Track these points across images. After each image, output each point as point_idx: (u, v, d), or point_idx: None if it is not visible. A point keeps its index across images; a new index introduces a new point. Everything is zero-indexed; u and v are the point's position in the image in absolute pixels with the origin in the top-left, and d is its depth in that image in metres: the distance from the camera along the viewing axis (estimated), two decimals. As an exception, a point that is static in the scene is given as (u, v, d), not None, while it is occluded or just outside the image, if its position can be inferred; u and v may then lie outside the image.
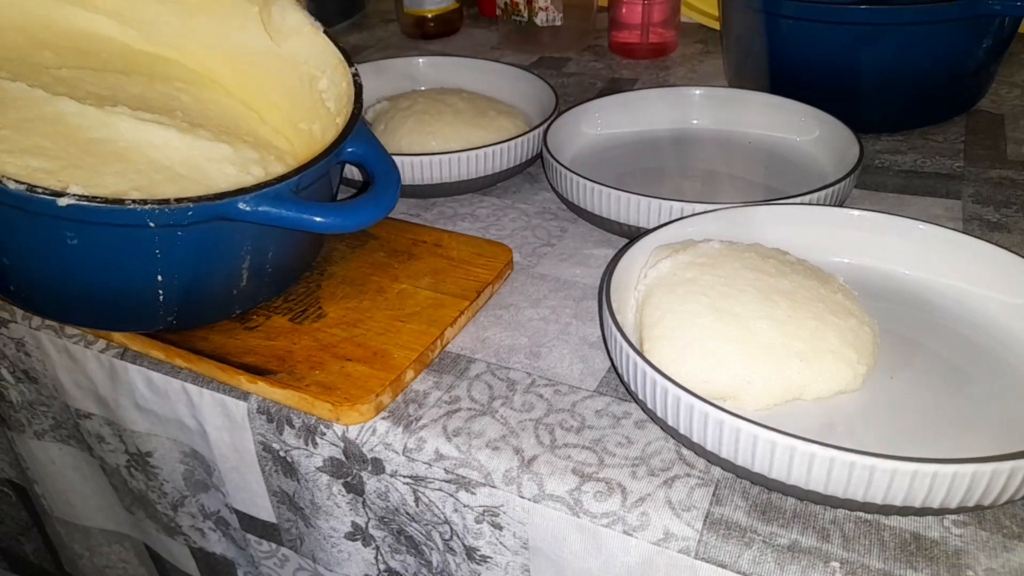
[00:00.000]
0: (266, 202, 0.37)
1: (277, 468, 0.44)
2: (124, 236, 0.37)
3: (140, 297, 0.40)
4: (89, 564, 0.66)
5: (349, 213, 0.39)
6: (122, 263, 0.38)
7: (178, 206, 0.35)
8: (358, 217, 0.40)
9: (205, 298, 0.42)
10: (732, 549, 0.32)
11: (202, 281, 0.41)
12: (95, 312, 0.43)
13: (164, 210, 0.35)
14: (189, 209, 0.36)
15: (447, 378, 0.42)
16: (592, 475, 0.36)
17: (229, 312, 0.44)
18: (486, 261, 0.49)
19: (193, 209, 0.36)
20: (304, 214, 0.38)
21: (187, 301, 0.41)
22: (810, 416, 0.37)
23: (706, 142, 0.64)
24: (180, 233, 0.37)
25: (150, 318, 0.42)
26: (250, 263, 0.41)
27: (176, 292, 0.40)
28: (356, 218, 0.40)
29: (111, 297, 0.40)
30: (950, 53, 0.62)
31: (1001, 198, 0.56)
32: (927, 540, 0.32)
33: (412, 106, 0.63)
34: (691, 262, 0.42)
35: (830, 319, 0.38)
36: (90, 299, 0.41)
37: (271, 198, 0.38)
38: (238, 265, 0.41)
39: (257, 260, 0.42)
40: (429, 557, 0.42)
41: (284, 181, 0.38)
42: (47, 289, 0.41)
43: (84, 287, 0.40)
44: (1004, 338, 0.41)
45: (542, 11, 0.87)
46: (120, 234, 0.37)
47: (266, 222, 0.38)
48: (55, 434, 0.56)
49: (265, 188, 0.38)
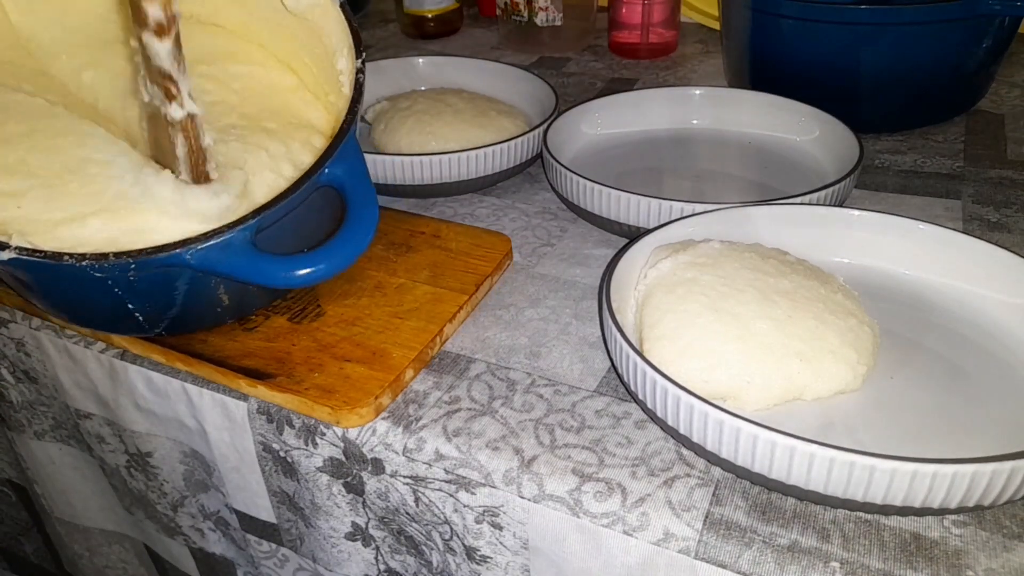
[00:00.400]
0: (215, 254, 0.34)
1: (277, 468, 0.44)
2: (79, 279, 0.36)
3: (120, 318, 0.40)
4: (89, 564, 0.66)
5: (314, 260, 0.35)
6: (87, 297, 0.37)
7: (116, 261, 0.34)
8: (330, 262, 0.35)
9: (186, 316, 0.41)
10: (732, 549, 0.32)
11: (178, 306, 0.39)
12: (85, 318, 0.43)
13: (103, 265, 0.34)
14: (131, 264, 0.34)
15: (447, 378, 0.42)
16: (592, 475, 0.36)
17: (221, 322, 0.44)
18: (485, 252, 0.49)
19: (136, 263, 0.34)
20: (254, 269, 0.34)
21: (168, 321, 0.41)
22: (810, 416, 0.37)
23: (706, 142, 0.64)
24: (132, 277, 0.35)
25: (138, 330, 0.42)
26: (226, 287, 0.39)
27: (152, 315, 0.40)
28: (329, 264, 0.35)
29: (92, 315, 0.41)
30: (950, 53, 0.62)
31: (1001, 198, 0.56)
32: (927, 540, 0.32)
33: (412, 106, 0.63)
34: (691, 262, 0.42)
35: (830, 319, 0.38)
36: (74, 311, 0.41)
37: (221, 249, 0.34)
38: (212, 293, 0.39)
39: (234, 284, 0.39)
40: (429, 557, 0.42)
41: (238, 227, 0.34)
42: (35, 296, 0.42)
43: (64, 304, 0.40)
44: (1004, 338, 0.41)
45: (542, 11, 0.87)
46: (75, 277, 0.36)
47: (214, 273, 0.35)
48: (55, 434, 0.56)
49: (213, 238, 0.34)
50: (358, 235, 0.37)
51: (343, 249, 0.36)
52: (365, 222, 0.37)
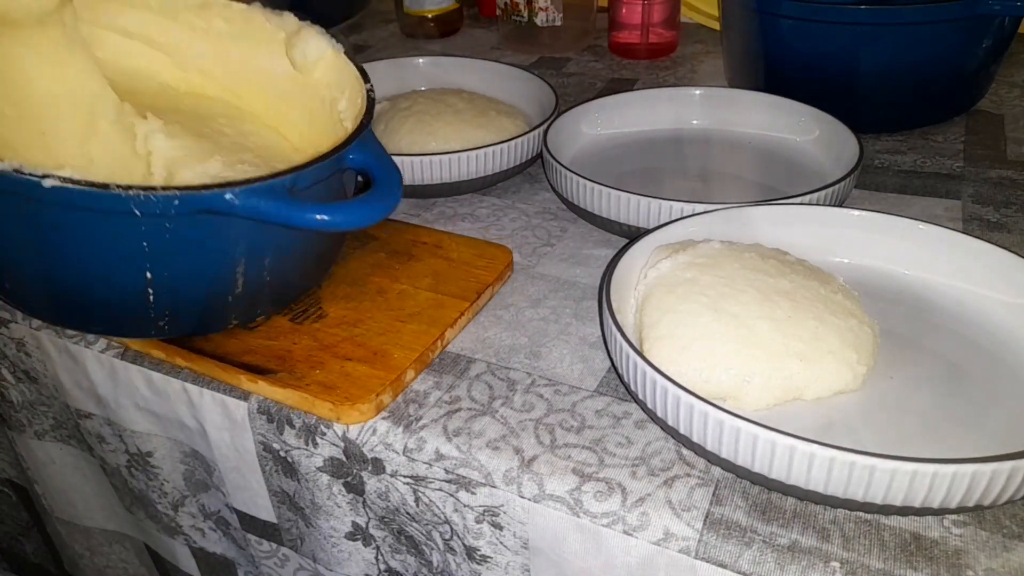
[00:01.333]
0: (256, 196, 0.36)
1: (277, 468, 0.44)
2: (111, 226, 0.36)
3: (129, 297, 0.39)
4: (90, 564, 0.66)
5: (347, 210, 0.38)
6: (109, 256, 0.37)
7: (164, 194, 0.34)
8: (357, 215, 0.38)
9: (197, 303, 0.41)
10: (732, 549, 0.32)
11: (193, 283, 0.40)
12: (86, 314, 0.42)
13: (150, 197, 0.34)
14: (175, 198, 0.35)
15: (447, 378, 0.42)
16: (592, 475, 0.36)
17: (225, 321, 0.44)
18: (486, 262, 0.49)
19: (179, 198, 0.35)
20: (295, 210, 0.36)
21: (178, 304, 0.40)
22: (810, 416, 0.37)
23: (706, 142, 0.64)
24: (168, 225, 0.36)
25: (142, 321, 0.41)
26: (245, 269, 0.40)
27: (166, 293, 0.39)
28: (354, 216, 0.38)
29: (100, 296, 0.40)
30: (950, 53, 0.62)
31: (1001, 198, 0.56)
32: (927, 540, 0.32)
33: (412, 106, 0.63)
34: (691, 262, 0.42)
35: (830, 319, 0.38)
36: (80, 298, 0.40)
37: (261, 192, 0.36)
38: (232, 269, 0.40)
39: (253, 266, 0.40)
40: (429, 557, 0.42)
41: (278, 177, 0.37)
42: (39, 286, 0.41)
43: (74, 283, 0.39)
44: (1004, 338, 0.41)
45: (542, 11, 0.87)
46: (107, 223, 0.36)
47: (255, 216, 0.36)
48: (55, 434, 0.56)
49: (256, 182, 0.36)
50: (390, 191, 0.40)
51: (381, 198, 0.39)
52: (390, 189, 0.40)
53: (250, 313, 0.44)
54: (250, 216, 0.36)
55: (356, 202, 0.39)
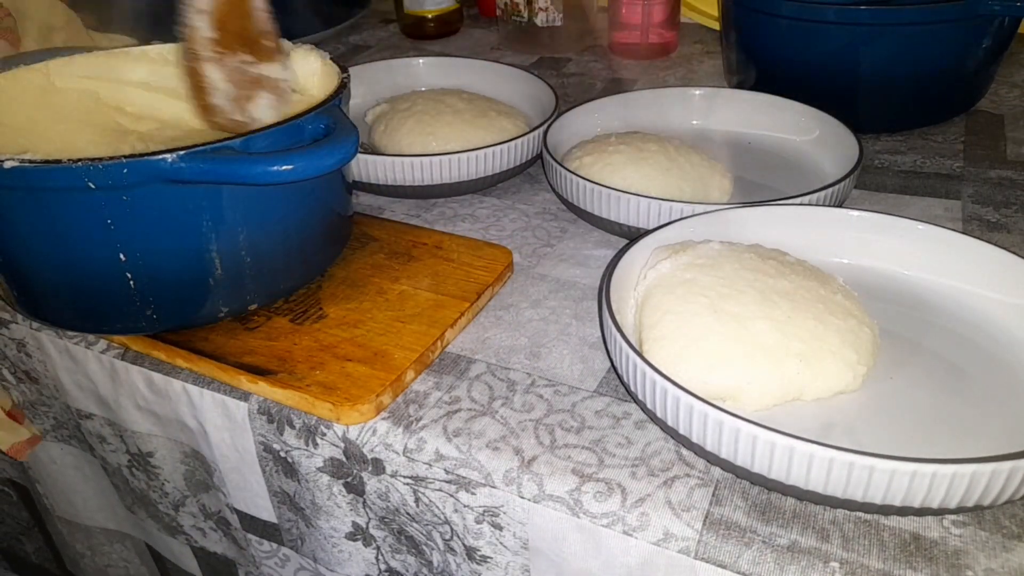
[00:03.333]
0: (203, 158, 0.36)
1: (278, 468, 0.44)
2: (74, 205, 0.37)
3: (110, 286, 0.40)
4: (91, 563, 0.66)
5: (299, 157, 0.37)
6: (81, 240, 0.39)
7: (111, 162, 0.36)
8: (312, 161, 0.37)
9: (179, 287, 0.41)
10: (732, 549, 0.32)
11: (169, 263, 0.40)
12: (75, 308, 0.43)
13: (98, 166, 0.36)
14: (123, 166, 0.36)
15: (447, 378, 0.42)
16: (592, 475, 0.36)
17: (214, 308, 0.43)
18: (486, 263, 0.49)
19: (127, 165, 0.36)
20: (243, 164, 0.36)
21: (160, 289, 0.41)
22: (809, 416, 0.37)
23: (706, 142, 0.64)
24: (126, 198, 0.37)
25: (129, 312, 0.42)
26: (219, 246, 0.40)
27: (144, 276, 0.40)
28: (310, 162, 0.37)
29: (84, 287, 0.41)
30: (950, 53, 0.62)
31: (1001, 198, 0.56)
32: (927, 540, 0.32)
33: (412, 107, 0.63)
34: (691, 263, 0.42)
35: (830, 320, 0.38)
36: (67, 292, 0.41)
37: (209, 154, 0.36)
38: (205, 245, 0.40)
39: (227, 242, 0.41)
40: (430, 557, 0.42)
41: (225, 141, 0.37)
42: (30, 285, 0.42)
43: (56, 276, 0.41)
44: (1003, 338, 0.41)
45: (542, 11, 0.87)
46: (70, 203, 0.37)
47: (205, 179, 0.37)
48: (56, 434, 0.56)
49: (203, 146, 0.37)
50: (340, 144, 0.39)
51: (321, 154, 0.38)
52: (346, 136, 0.39)
53: (239, 300, 0.44)
54: (200, 179, 0.37)
55: (310, 149, 0.38)
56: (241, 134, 0.38)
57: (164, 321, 0.43)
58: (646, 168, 0.53)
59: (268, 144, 0.39)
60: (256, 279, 0.44)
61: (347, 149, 0.38)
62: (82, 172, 0.36)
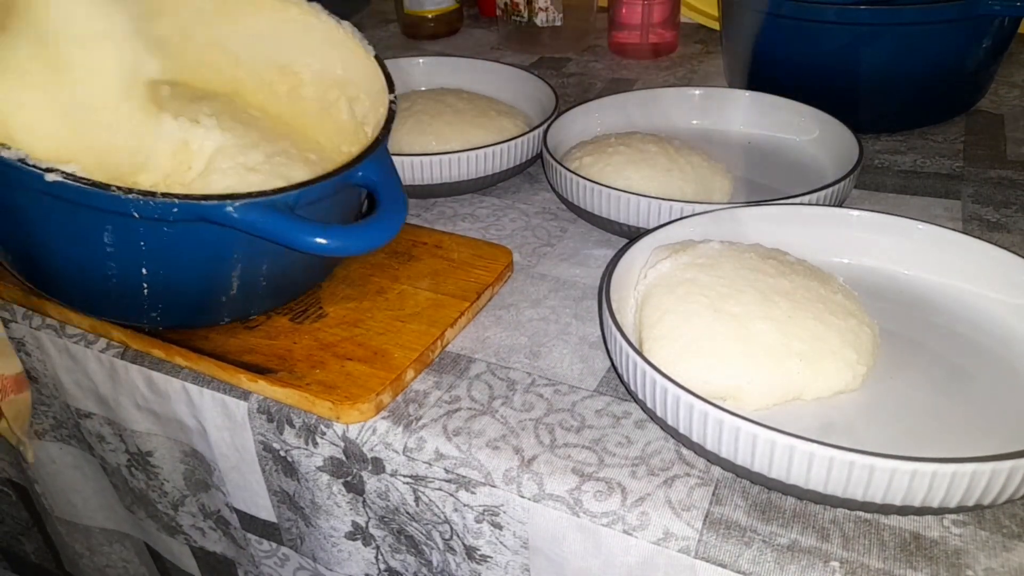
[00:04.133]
0: (256, 211, 0.36)
1: (277, 468, 0.44)
2: (110, 222, 0.36)
3: (124, 287, 0.40)
4: (90, 563, 0.66)
5: (347, 235, 0.37)
6: (107, 251, 0.38)
7: (163, 200, 0.35)
8: (357, 240, 0.37)
9: (191, 300, 0.41)
10: (732, 549, 0.32)
11: (189, 282, 0.40)
12: (82, 294, 0.43)
13: (149, 202, 0.35)
14: (174, 205, 0.35)
15: (447, 378, 0.42)
16: (592, 475, 0.36)
17: (218, 318, 0.44)
18: (486, 263, 0.49)
19: (178, 206, 0.35)
20: (294, 230, 0.36)
21: (173, 300, 0.41)
22: (810, 416, 0.37)
23: (706, 142, 0.64)
24: (166, 229, 0.36)
25: (134, 310, 0.42)
26: (241, 272, 0.40)
27: (161, 288, 0.40)
28: (355, 241, 0.37)
29: (96, 285, 0.40)
30: (950, 53, 0.62)
31: (1001, 198, 0.56)
32: (927, 540, 0.32)
33: (412, 106, 0.63)
34: (691, 262, 0.42)
35: (830, 319, 0.38)
36: (79, 281, 0.41)
37: (262, 208, 0.36)
38: (227, 272, 0.40)
39: (249, 271, 0.40)
40: (429, 557, 0.42)
41: (281, 193, 0.37)
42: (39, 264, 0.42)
43: (72, 271, 0.40)
44: (1004, 338, 0.41)
45: (542, 11, 0.87)
46: (106, 220, 0.36)
47: (253, 232, 0.36)
48: (55, 434, 0.56)
49: (258, 197, 0.36)
50: (387, 223, 0.39)
51: (372, 231, 0.38)
52: (394, 214, 0.39)
53: (244, 312, 0.44)
54: (247, 231, 0.36)
55: (357, 227, 0.38)
56: (294, 187, 0.37)
57: (166, 322, 0.43)
58: (646, 169, 0.53)
59: (318, 194, 0.39)
60: (266, 296, 0.44)
61: (393, 228, 0.39)
62: (130, 203, 0.35)
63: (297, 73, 0.50)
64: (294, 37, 0.49)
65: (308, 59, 0.49)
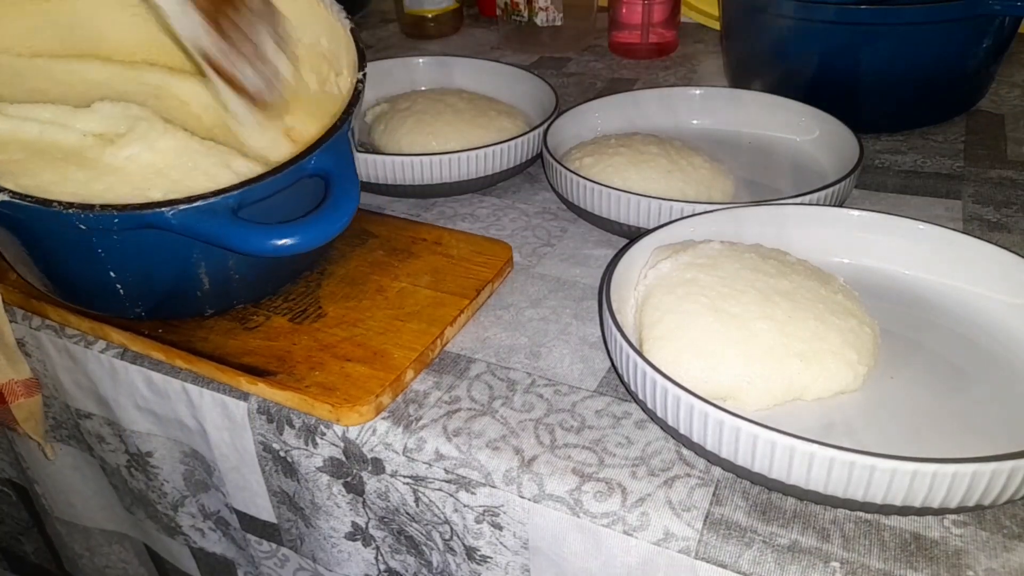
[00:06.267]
0: (194, 216, 0.35)
1: (277, 468, 0.44)
2: (65, 234, 0.37)
3: (100, 288, 0.40)
4: (89, 564, 0.66)
5: (294, 231, 0.36)
6: (70, 258, 0.39)
7: (102, 212, 0.35)
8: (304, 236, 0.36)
9: (167, 296, 0.42)
10: (732, 549, 0.32)
11: (158, 281, 0.40)
12: (71, 293, 0.44)
13: (88, 215, 0.35)
14: (114, 217, 0.35)
15: (447, 378, 0.42)
16: (592, 475, 0.36)
17: (201, 310, 0.44)
18: (486, 259, 0.49)
19: (119, 217, 0.35)
20: (233, 234, 0.35)
21: (149, 297, 0.41)
22: (810, 416, 0.37)
23: (706, 142, 0.64)
24: (116, 237, 0.37)
25: (118, 305, 0.42)
26: (208, 269, 0.40)
27: (133, 288, 0.40)
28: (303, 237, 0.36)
29: (79, 284, 0.41)
30: (950, 53, 0.62)
31: (1001, 198, 0.56)
32: (927, 540, 0.32)
33: (412, 106, 0.63)
34: (691, 263, 0.41)
35: (830, 319, 0.38)
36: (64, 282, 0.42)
37: (203, 212, 0.35)
38: (193, 270, 0.40)
39: (215, 267, 0.40)
40: (429, 557, 0.42)
41: (221, 195, 0.36)
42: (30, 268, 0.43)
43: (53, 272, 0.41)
44: (1004, 338, 0.41)
45: (542, 11, 0.87)
46: (62, 232, 0.37)
47: (195, 237, 0.36)
48: (55, 434, 0.56)
49: (198, 201, 0.35)
50: (336, 214, 0.37)
51: (319, 226, 0.37)
52: (344, 205, 0.38)
53: (228, 304, 0.45)
54: (189, 236, 0.36)
55: (304, 223, 0.37)
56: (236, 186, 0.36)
57: (151, 316, 0.44)
58: (647, 170, 0.53)
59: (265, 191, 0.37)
60: (244, 288, 0.44)
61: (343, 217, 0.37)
62: (73, 218, 0.35)
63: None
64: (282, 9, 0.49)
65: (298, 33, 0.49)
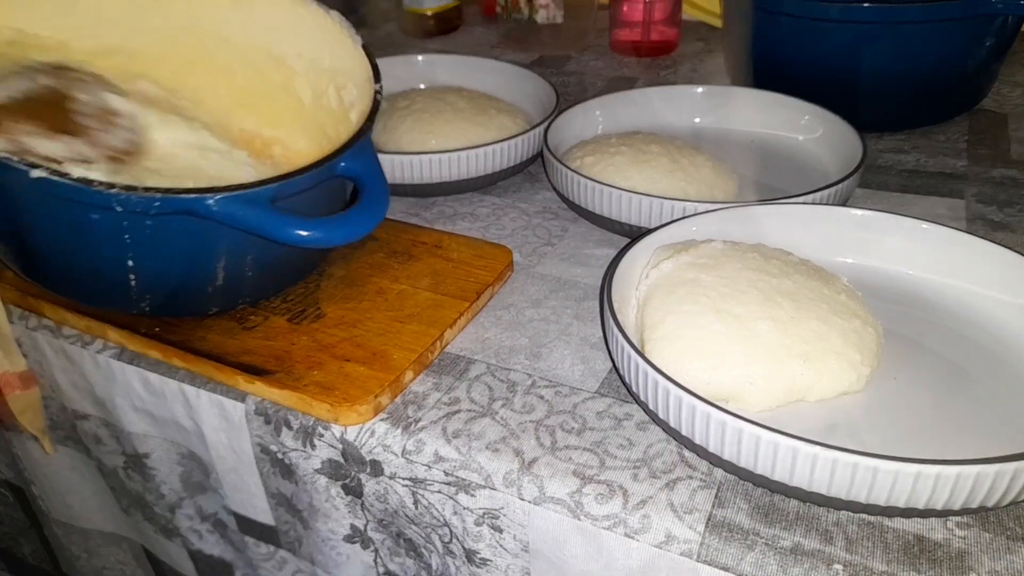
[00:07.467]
0: (237, 204, 0.36)
1: (275, 470, 0.44)
2: (95, 216, 0.37)
3: (112, 278, 0.40)
4: (87, 566, 0.66)
5: (328, 226, 0.37)
6: (93, 242, 0.38)
7: (145, 195, 0.35)
8: (338, 232, 0.38)
9: (178, 290, 0.42)
10: (734, 552, 0.32)
11: (175, 273, 0.40)
12: (73, 284, 0.44)
13: (131, 197, 0.35)
14: (156, 200, 0.35)
15: (447, 379, 0.42)
16: (593, 477, 0.35)
17: (206, 309, 0.44)
18: (486, 263, 0.49)
19: (160, 200, 0.35)
20: (273, 222, 0.36)
21: (160, 290, 0.41)
22: (813, 417, 0.37)
23: (708, 141, 0.64)
24: (149, 222, 0.37)
25: (123, 299, 0.42)
26: (226, 263, 0.40)
27: (147, 279, 0.40)
28: (336, 232, 0.38)
29: (85, 274, 0.41)
30: (953, 52, 0.61)
31: (1004, 198, 0.55)
32: (930, 542, 0.32)
33: (411, 105, 0.62)
34: (693, 262, 0.41)
35: (833, 320, 0.38)
36: (70, 271, 0.42)
37: (243, 201, 0.36)
38: (212, 263, 0.40)
39: (234, 261, 0.41)
40: (428, 560, 0.42)
41: (262, 186, 0.37)
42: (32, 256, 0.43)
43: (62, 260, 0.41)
44: (1008, 339, 0.41)
45: (543, 9, 0.87)
46: (91, 213, 0.37)
47: (235, 225, 0.36)
48: (52, 435, 0.56)
49: (239, 190, 0.36)
50: (369, 213, 0.39)
51: (354, 222, 0.39)
52: (376, 204, 0.40)
53: (232, 302, 0.45)
54: (228, 223, 0.36)
55: (338, 218, 0.38)
56: (274, 179, 0.38)
57: (155, 313, 0.44)
58: (649, 169, 0.53)
59: (299, 186, 0.39)
60: (252, 287, 0.44)
61: (375, 218, 0.39)
62: (112, 199, 0.35)
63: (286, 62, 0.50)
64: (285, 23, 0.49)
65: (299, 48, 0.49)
